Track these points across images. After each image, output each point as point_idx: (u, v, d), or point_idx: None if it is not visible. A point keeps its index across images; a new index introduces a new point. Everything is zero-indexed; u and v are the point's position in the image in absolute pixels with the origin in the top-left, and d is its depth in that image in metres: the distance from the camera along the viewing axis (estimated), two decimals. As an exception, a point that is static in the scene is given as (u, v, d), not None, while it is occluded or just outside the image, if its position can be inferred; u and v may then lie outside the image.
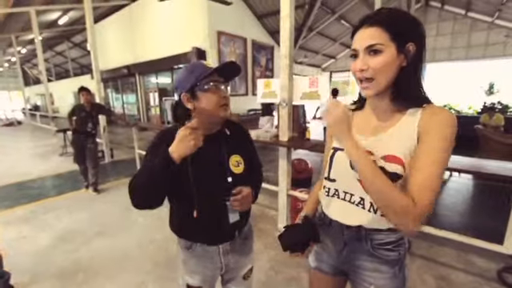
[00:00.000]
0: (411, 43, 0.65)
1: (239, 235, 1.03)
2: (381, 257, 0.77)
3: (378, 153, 0.71)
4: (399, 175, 0.67)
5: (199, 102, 0.87)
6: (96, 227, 2.78)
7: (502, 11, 8.66)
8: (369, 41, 0.65)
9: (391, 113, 0.73)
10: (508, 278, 1.91)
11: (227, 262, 1.02)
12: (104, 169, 4.89)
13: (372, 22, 0.66)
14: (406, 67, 0.67)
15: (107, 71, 11.35)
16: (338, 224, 0.82)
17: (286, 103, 2.28)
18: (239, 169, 0.97)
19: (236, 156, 0.98)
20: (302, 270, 2.08)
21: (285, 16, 2.19)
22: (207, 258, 1.00)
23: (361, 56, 0.67)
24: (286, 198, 2.53)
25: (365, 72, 0.67)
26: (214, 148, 0.94)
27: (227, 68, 0.90)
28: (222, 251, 1.00)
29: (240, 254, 1.06)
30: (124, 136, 8.76)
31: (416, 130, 0.67)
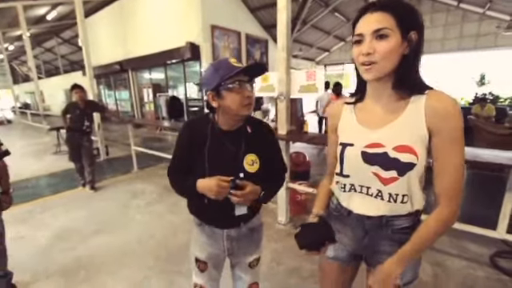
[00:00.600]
0: (413, 32, 0.67)
1: (245, 225, 1.08)
2: (400, 240, 0.78)
3: (389, 144, 0.72)
4: (413, 164, 0.69)
5: (223, 101, 0.91)
6: (94, 225, 2.77)
7: (493, 2, 8.73)
8: (376, 25, 0.66)
9: (395, 101, 0.74)
10: (499, 261, 1.98)
11: (230, 247, 1.09)
12: (100, 166, 4.85)
13: (378, 8, 0.67)
14: (407, 55, 0.68)
15: (99, 67, 11.14)
16: (357, 215, 0.83)
17: (284, 96, 2.29)
18: (253, 168, 0.99)
19: (252, 155, 0.99)
20: (302, 260, 2.12)
21: (281, 8, 2.18)
22: (213, 239, 1.08)
23: (367, 40, 0.67)
24: (286, 191, 2.56)
25: (371, 56, 0.67)
26: (233, 143, 0.98)
27: (253, 67, 0.92)
28: (226, 236, 1.07)
29: (244, 242, 1.11)
30: (118, 133, 8.67)
31: (424, 119, 0.68)
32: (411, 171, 0.70)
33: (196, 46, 7.42)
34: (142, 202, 3.33)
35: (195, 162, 0.99)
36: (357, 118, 0.82)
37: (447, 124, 0.66)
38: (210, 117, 1.01)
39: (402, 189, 0.73)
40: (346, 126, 0.84)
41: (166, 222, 2.79)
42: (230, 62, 0.90)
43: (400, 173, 0.72)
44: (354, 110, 0.83)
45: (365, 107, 0.81)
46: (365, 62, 0.68)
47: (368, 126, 0.78)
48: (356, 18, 0.72)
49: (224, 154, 0.97)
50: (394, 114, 0.73)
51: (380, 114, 0.76)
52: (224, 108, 0.93)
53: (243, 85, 0.90)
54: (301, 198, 2.85)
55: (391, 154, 0.71)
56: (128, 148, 4.75)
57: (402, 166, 0.71)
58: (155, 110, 9.54)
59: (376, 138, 0.74)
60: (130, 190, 3.75)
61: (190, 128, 1.03)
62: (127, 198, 3.50)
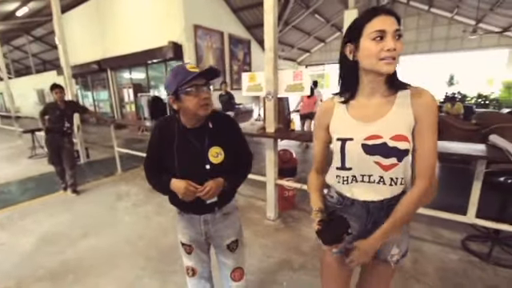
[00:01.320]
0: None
1: (219, 210, 1.19)
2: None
3: (386, 134, 0.82)
4: (408, 150, 0.81)
5: (182, 103, 1.02)
6: (80, 228, 2.70)
7: (460, 7, 9.35)
8: (396, 25, 0.76)
9: (386, 97, 0.84)
10: (470, 245, 2.17)
11: (207, 230, 1.21)
12: (81, 170, 4.68)
13: (389, 13, 0.77)
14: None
15: (75, 67, 10.67)
16: (362, 202, 0.91)
17: (272, 96, 2.36)
18: (218, 159, 1.10)
19: (216, 148, 1.10)
20: (292, 253, 2.20)
21: (268, 9, 2.25)
22: (191, 223, 1.21)
23: (390, 37, 0.75)
24: (274, 187, 2.64)
25: (393, 52, 0.76)
26: (198, 140, 1.09)
27: (207, 71, 1.02)
28: (203, 220, 1.19)
29: (220, 225, 1.22)
30: (97, 135, 8.37)
31: (411, 108, 0.81)
32: (407, 156, 0.82)
33: (179, 46, 7.33)
34: (129, 204, 3.28)
35: (166, 159, 1.10)
36: (351, 114, 0.89)
37: (428, 113, 0.79)
38: (175, 117, 1.11)
39: (400, 172, 0.84)
40: (340, 122, 0.91)
41: (155, 223, 2.78)
42: (187, 67, 0.99)
43: (399, 159, 0.82)
44: (346, 108, 0.91)
45: (358, 104, 0.88)
46: (389, 56, 0.76)
47: (364, 120, 0.86)
48: (368, 18, 0.78)
49: (190, 150, 1.08)
50: (386, 107, 0.83)
51: (374, 108, 0.85)
52: (184, 109, 1.04)
53: (199, 88, 1.00)
54: (288, 194, 2.94)
55: (390, 144, 0.81)
56: (109, 150, 4.64)
57: (400, 152, 0.81)
58: (136, 110, 9.30)
59: (374, 131, 0.83)
60: (114, 192, 3.67)
61: (160, 128, 1.13)
62: (112, 200, 3.43)
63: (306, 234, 2.49)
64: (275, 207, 2.71)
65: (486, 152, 1.72)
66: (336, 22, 11.30)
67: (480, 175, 1.78)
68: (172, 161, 1.08)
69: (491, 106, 9.55)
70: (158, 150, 1.12)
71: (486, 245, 2.13)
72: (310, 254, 2.18)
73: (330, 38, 13.56)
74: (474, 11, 8.29)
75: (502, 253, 2.05)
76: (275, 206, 2.71)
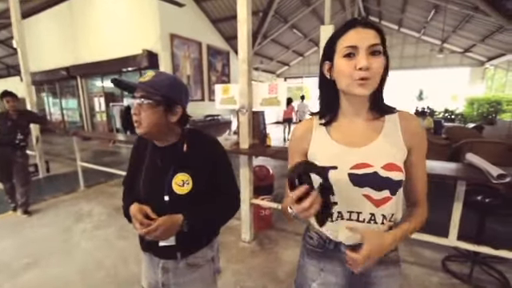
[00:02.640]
0: (385, 57, 0.68)
1: (183, 259, 0.93)
2: (388, 260, 0.77)
3: (377, 163, 0.69)
4: (402, 181, 0.71)
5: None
6: (25, 257, 2.33)
7: (426, 28, 10.01)
8: (372, 40, 0.64)
9: (371, 121, 0.74)
10: (450, 265, 2.12)
11: (165, 281, 0.95)
12: (37, 186, 4.22)
13: (367, 25, 0.65)
14: (382, 76, 0.69)
15: (42, 73, 10.01)
16: (348, 245, 0.75)
17: (246, 109, 2.22)
18: (183, 189, 0.87)
19: (184, 175, 0.87)
20: (266, 280, 2.02)
21: (242, 20, 2.14)
22: (150, 267, 0.99)
23: (362, 54, 0.63)
24: (249, 207, 2.46)
25: (367, 72, 0.63)
26: (163, 161, 0.90)
27: (146, 84, 0.83)
28: (162, 267, 0.95)
29: (184, 278, 0.95)
30: (64, 146, 7.76)
31: (402, 137, 0.72)
32: (400, 188, 0.72)
33: (154, 55, 7.08)
34: (88, 226, 2.94)
35: (136, 178, 0.95)
36: (333, 138, 0.75)
37: (422, 142, 0.73)
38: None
39: (393, 208, 0.72)
40: (321, 147, 0.76)
41: (116, 249, 2.47)
42: (140, 78, 0.85)
43: (392, 192, 0.70)
44: (327, 130, 0.77)
45: (340, 126, 0.76)
46: (362, 77, 0.64)
47: (349, 145, 0.72)
48: (342, 32, 0.67)
49: (154, 173, 0.90)
50: (373, 132, 0.72)
51: (359, 132, 0.73)
52: None
53: (137, 102, 0.84)
54: (265, 213, 2.77)
55: (382, 174, 0.68)
56: (74, 163, 4.23)
57: (394, 184, 0.69)
58: (108, 120, 8.80)
59: (361, 158, 0.70)
60: (74, 212, 3.29)
61: (138, 142, 1.00)
62: (70, 221, 3.06)
63: (282, 256, 2.31)
64: (250, 228, 2.52)
65: (465, 172, 1.67)
66: (313, 37, 11.62)
67: (461, 196, 1.73)
68: (138, 183, 0.93)
69: (457, 120, 10.15)
70: (132, 168, 0.98)
71: (466, 265, 2.08)
72: (285, 282, 2.00)
73: (308, 52, 13.93)
74: (439, 32, 8.87)
75: (481, 273, 2.00)
76: (250, 227, 2.52)
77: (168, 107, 0.84)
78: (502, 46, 8.20)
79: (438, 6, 7.64)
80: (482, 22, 7.34)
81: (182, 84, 0.90)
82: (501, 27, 6.98)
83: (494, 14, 6.11)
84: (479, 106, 9.20)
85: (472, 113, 9.62)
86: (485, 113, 8.83)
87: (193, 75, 8.23)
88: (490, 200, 1.91)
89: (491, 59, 9.77)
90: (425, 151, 0.74)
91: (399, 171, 0.69)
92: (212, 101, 7.72)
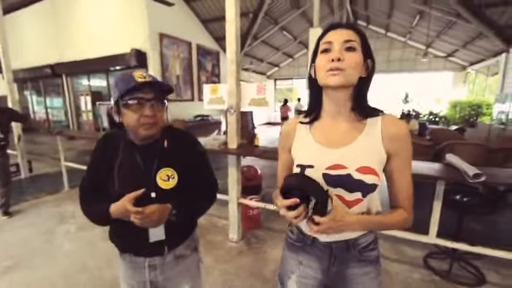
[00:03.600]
0: (370, 60, 0.72)
1: (171, 252, 0.96)
2: (366, 259, 0.79)
3: (352, 165, 0.71)
4: (376, 185, 0.72)
5: (123, 117, 0.84)
6: (5, 260, 2.26)
7: (411, 33, 10.32)
8: (347, 36, 0.69)
9: (353, 122, 0.75)
10: (431, 262, 2.19)
11: (153, 278, 0.96)
12: (19, 185, 4.09)
13: (347, 26, 0.71)
14: (363, 78, 0.72)
15: (25, 70, 9.69)
16: (322, 242, 0.79)
17: (234, 110, 2.23)
18: (169, 184, 0.89)
19: (168, 169, 0.89)
20: (253, 280, 2.03)
21: (230, 20, 2.15)
22: (134, 270, 0.97)
23: (337, 48, 0.68)
24: (237, 207, 2.46)
25: (340, 62, 0.67)
26: (145, 159, 0.89)
27: (157, 83, 0.84)
28: (149, 265, 0.95)
29: (171, 272, 0.98)
30: (48, 146, 7.53)
31: (381, 142, 0.72)
32: (373, 192, 0.72)
33: (142, 54, 6.98)
34: (72, 227, 2.87)
35: (107, 179, 0.89)
36: (313, 137, 0.78)
37: (404, 147, 0.72)
38: (124, 130, 0.91)
39: (363, 209, 0.74)
40: (302, 146, 0.80)
41: (100, 251, 2.41)
42: (134, 75, 0.81)
43: (364, 194, 0.72)
44: (309, 130, 0.80)
45: (322, 126, 0.79)
46: (333, 67, 0.67)
47: (327, 145, 0.75)
48: (323, 33, 0.73)
49: (135, 171, 0.88)
50: (353, 134, 0.74)
51: (339, 133, 0.75)
52: (125, 124, 0.85)
53: (143, 102, 0.81)
54: (253, 213, 2.78)
55: (355, 176, 0.70)
56: (58, 163, 4.11)
57: (366, 187, 0.71)
58: (94, 119, 8.60)
59: (337, 159, 0.72)
60: (57, 213, 3.20)
61: (105, 141, 0.95)
62: (53, 222, 2.98)
63: (270, 256, 2.34)
64: (238, 228, 2.53)
65: (444, 172, 1.74)
66: (303, 40, 11.75)
67: (440, 195, 1.80)
68: (111, 183, 0.87)
69: (441, 122, 10.50)
70: (99, 168, 0.91)
71: (445, 262, 2.16)
72: (272, 280, 2.02)
73: (298, 54, 14.07)
74: (424, 37, 9.16)
75: (460, 269, 2.08)
76: (238, 227, 2.53)
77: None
78: (483, 51, 8.55)
79: (423, 11, 7.89)
80: (463, 28, 7.63)
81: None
82: (481, 34, 7.27)
83: (475, 21, 6.36)
84: (461, 109, 9.54)
85: (455, 115, 9.96)
86: (466, 115, 9.16)
87: (182, 75, 8.16)
88: (468, 199, 2.00)
89: (472, 64, 10.15)
90: (408, 158, 0.73)
91: (374, 175, 0.70)
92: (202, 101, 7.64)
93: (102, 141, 0.95)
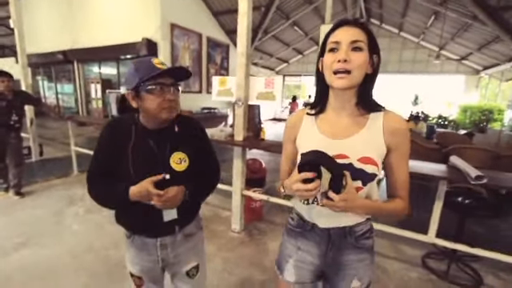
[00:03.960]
0: (376, 55, 0.74)
1: (180, 231, 1.03)
2: (362, 246, 0.84)
3: (354, 155, 0.75)
4: (375, 175, 0.76)
5: (143, 102, 0.88)
6: (17, 237, 2.36)
7: (425, 34, 10.12)
8: (355, 36, 0.70)
9: (356, 117, 0.79)
10: (429, 262, 2.21)
11: (164, 256, 1.02)
12: (30, 168, 4.21)
13: (354, 24, 0.72)
14: (369, 74, 0.74)
15: (37, 55, 9.83)
16: (321, 228, 0.84)
17: (242, 102, 2.26)
18: (181, 166, 0.95)
19: (180, 153, 0.96)
20: (253, 269, 2.08)
21: (243, 13, 2.17)
22: (145, 250, 1.01)
23: (344, 48, 0.70)
24: (240, 199, 2.52)
25: (347, 64, 0.69)
26: (158, 143, 0.94)
27: (177, 70, 0.90)
28: (160, 244, 1.00)
29: (181, 249, 1.05)
30: (58, 131, 7.70)
31: (382, 136, 0.76)
32: (373, 181, 0.77)
33: (153, 43, 7.03)
34: (81, 210, 2.97)
35: (118, 164, 0.92)
36: (319, 128, 0.82)
37: (403, 142, 0.76)
38: (135, 116, 0.96)
39: (363, 197, 0.79)
40: (307, 136, 0.84)
41: (107, 233, 2.51)
42: (153, 62, 0.87)
43: (364, 183, 0.77)
44: (315, 121, 0.84)
45: (327, 118, 0.83)
46: (340, 69, 0.70)
47: (331, 136, 0.79)
48: (331, 30, 0.75)
49: (148, 155, 0.93)
50: (356, 127, 0.78)
51: (343, 126, 0.79)
52: (144, 109, 0.90)
53: (165, 88, 0.87)
54: (256, 205, 2.83)
55: (356, 165, 0.75)
56: (68, 148, 4.22)
57: (367, 176, 0.75)
58: (104, 107, 8.72)
59: (340, 149, 0.76)
60: (66, 196, 3.31)
61: (113, 127, 0.97)
62: (62, 204, 3.08)
63: (270, 247, 2.39)
64: (241, 219, 2.58)
65: (447, 173, 1.75)
66: (314, 36, 11.64)
67: (441, 195, 1.82)
68: (126, 168, 0.91)
69: (450, 126, 10.35)
70: (109, 154, 0.93)
71: (443, 262, 2.18)
72: (271, 270, 2.06)
73: (308, 51, 13.93)
74: (437, 38, 8.98)
75: (458, 271, 2.10)
76: (241, 218, 2.58)
77: None
78: (498, 56, 8.36)
79: (438, 12, 7.72)
80: (479, 31, 7.46)
81: None
82: (497, 37, 7.10)
83: (492, 24, 6.21)
84: (472, 114, 9.38)
85: (464, 120, 9.81)
86: (477, 121, 9.01)
87: (191, 66, 8.19)
88: (470, 202, 2.00)
89: (486, 68, 9.94)
90: (406, 153, 0.78)
91: (374, 165, 0.75)
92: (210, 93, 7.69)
93: (110, 126, 0.97)
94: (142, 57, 7.37)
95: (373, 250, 0.88)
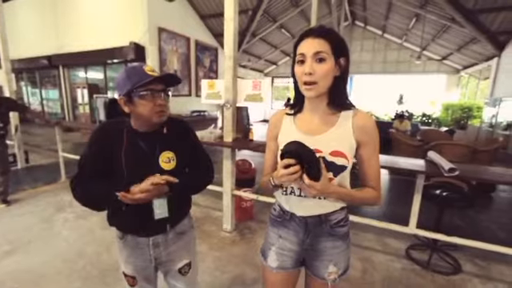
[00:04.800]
0: (343, 58, 0.81)
1: (172, 229, 1.07)
2: (336, 234, 0.91)
3: (326, 149, 0.83)
4: (345, 167, 0.84)
5: (135, 107, 0.92)
6: (5, 245, 2.33)
7: (407, 35, 10.48)
8: (317, 48, 0.77)
9: (328, 115, 0.87)
10: (413, 253, 2.33)
11: (157, 255, 1.06)
12: (16, 176, 4.14)
13: (318, 34, 0.78)
14: (338, 77, 0.82)
15: (20, 60, 9.60)
16: (299, 216, 0.91)
17: (230, 104, 2.32)
18: (170, 165, 1.00)
19: (168, 152, 1.01)
20: (245, 267, 2.14)
21: (229, 18, 2.24)
22: (138, 249, 1.04)
23: (308, 62, 0.78)
24: (231, 199, 2.57)
25: (312, 76, 0.78)
26: (148, 145, 0.99)
27: (167, 77, 0.96)
28: (152, 243, 1.04)
29: (173, 247, 1.09)
30: (44, 137, 7.53)
31: (351, 132, 0.84)
32: (343, 172, 0.85)
33: (141, 48, 7.01)
34: (71, 216, 2.94)
35: (110, 166, 0.96)
36: (296, 126, 0.91)
37: (372, 138, 0.85)
38: (125, 120, 1.00)
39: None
40: (287, 134, 0.92)
41: (98, 238, 2.51)
42: (144, 69, 0.92)
43: (335, 174, 0.84)
44: (293, 120, 0.93)
45: (303, 118, 0.91)
46: (307, 81, 0.79)
47: (307, 133, 0.88)
48: (298, 41, 0.82)
49: (140, 156, 0.98)
50: (328, 125, 0.86)
51: (317, 124, 0.88)
52: (136, 114, 0.95)
53: (155, 93, 0.92)
54: (246, 205, 2.89)
55: (328, 158, 0.83)
56: (55, 154, 4.17)
57: (337, 168, 0.83)
58: (91, 112, 8.59)
59: (314, 144, 0.83)
60: (55, 202, 3.27)
61: (105, 130, 1.00)
62: (51, 211, 3.05)
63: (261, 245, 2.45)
64: (232, 218, 2.63)
65: (424, 167, 1.87)
66: (301, 38, 11.82)
67: (420, 188, 1.93)
68: (118, 168, 0.94)
69: (433, 124, 10.71)
70: (101, 156, 0.95)
71: (426, 253, 2.30)
72: (264, 267, 2.13)
73: (295, 53, 14.12)
74: (419, 40, 9.33)
75: (439, 260, 2.22)
76: (232, 218, 2.63)
77: None
78: (476, 55, 8.74)
79: (419, 14, 8.03)
80: (458, 32, 7.80)
81: None
82: (474, 38, 7.44)
83: (468, 26, 6.52)
84: (453, 112, 9.75)
85: (447, 118, 10.18)
86: (458, 118, 9.37)
87: (180, 70, 8.20)
88: (447, 193, 2.13)
89: (466, 68, 10.38)
90: (375, 146, 0.86)
91: (344, 158, 0.83)
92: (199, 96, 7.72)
93: (101, 130, 1.00)
94: (130, 61, 7.36)
95: (348, 238, 0.95)
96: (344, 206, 0.93)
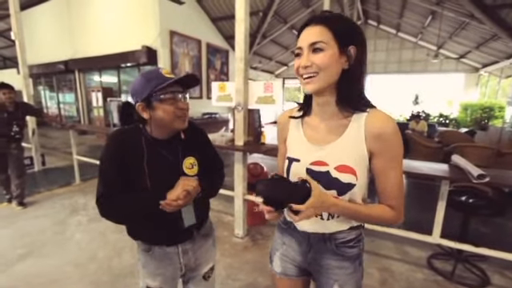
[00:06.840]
0: (352, 46, 0.67)
1: (198, 233, 1.05)
2: (343, 254, 0.81)
3: (332, 163, 0.72)
4: (353, 185, 0.71)
5: (155, 112, 0.87)
6: (21, 248, 2.36)
7: (423, 34, 10.14)
8: (313, 38, 0.66)
9: (338, 120, 0.74)
10: (435, 263, 2.19)
11: (187, 262, 1.04)
12: (32, 178, 4.23)
13: (316, 22, 0.67)
14: (347, 70, 0.69)
15: (39, 66, 9.94)
16: (301, 231, 0.84)
17: (242, 107, 2.27)
18: (193, 170, 0.98)
19: (190, 158, 0.99)
20: (258, 275, 2.07)
21: (240, 20, 2.19)
22: (167, 259, 1.00)
23: (305, 53, 0.68)
24: (243, 203, 2.51)
25: (309, 68, 0.67)
26: (170, 152, 0.95)
27: (186, 78, 0.91)
28: (182, 251, 1.01)
29: (200, 251, 1.07)
30: (60, 140, 7.75)
31: (364, 141, 0.70)
32: (351, 191, 0.72)
33: (153, 51, 7.09)
34: (84, 219, 2.97)
35: (132, 178, 0.90)
36: (304, 132, 0.81)
37: (389, 147, 0.69)
38: (140, 127, 0.95)
39: None
40: (293, 139, 0.84)
41: (110, 242, 2.50)
42: (162, 72, 0.88)
43: (340, 192, 0.73)
44: (301, 125, 0.82)
45: (311, 123, 0.80)
46: (303, 74, 0.69)
47: (313, 142, 0.77)
48: (298, 32, 0.72)
49: (164, 165, 0.94)
50: (337, 133, 0.73)
51: (324, 131, 0.76)
52: (156, 120, 0.89)
53: (176, 96, 0.88)
54: (258, 210, 2.82)
55: (333, 174, 0.72)
56: (70, 157, 4.25)
57: (341, 186, 0.72)
58: (105, 115, 8.77)
59: (320, 156, 0.74)
60: (69, 205, 3.32)
61: (121, 140, 0.92)
62: (65, 214, 3.09)
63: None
64: (244, 224, 2.57)
65: (449, 172, 1.75)
66: (312, 39, 11.68)
67: (444, 195, 1.81)
68: (142, 182, 0.89)
69: (451, 125, 10.31)
70: (121, 171, 0.88)
71: (449, 263, 2.16)
72: (277, 276, 2.06)
73: (307, 54, 13.98)
74: (435, 38, 9.00)
75: (464, 271, 2.08)
76: (244, 223, 2.57)
77: None
78: (496, 53, 8.35)
79: (435, 12, 7.75)
80: (477, 29, 7.47)
81: None
82: (495, 35, 7.11)
83: (489, 22, 6.23)
84: (472, 112, 9.35)
85: (465, 118, 9.77)
86: (478, 118, 8.97)
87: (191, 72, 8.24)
88: (474, 200, 1.99)
89: (485, 66, 9.93)
90: (394, 158, 0.69)
91: (351, 174, 0.70)
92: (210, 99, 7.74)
93: (116, 141, 0.92)
94: (142, 64, 7.47)
95: (358, 260, 0.83)
96: (354, 226, 0.80)
